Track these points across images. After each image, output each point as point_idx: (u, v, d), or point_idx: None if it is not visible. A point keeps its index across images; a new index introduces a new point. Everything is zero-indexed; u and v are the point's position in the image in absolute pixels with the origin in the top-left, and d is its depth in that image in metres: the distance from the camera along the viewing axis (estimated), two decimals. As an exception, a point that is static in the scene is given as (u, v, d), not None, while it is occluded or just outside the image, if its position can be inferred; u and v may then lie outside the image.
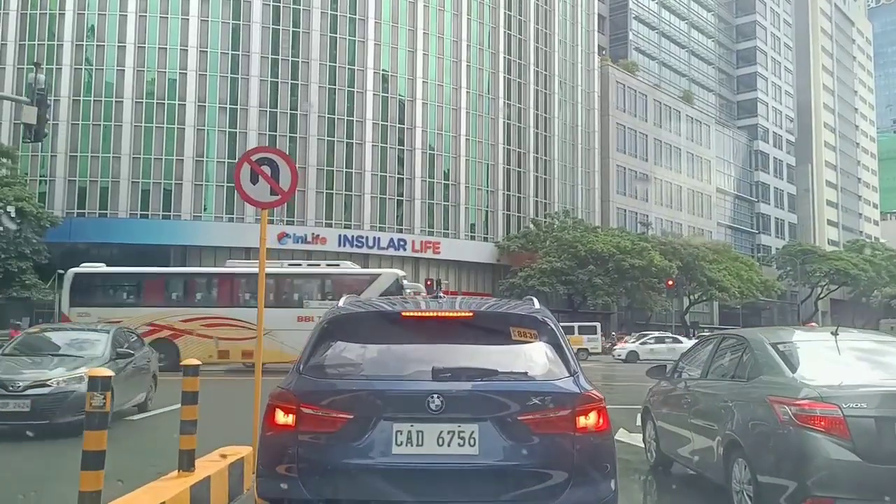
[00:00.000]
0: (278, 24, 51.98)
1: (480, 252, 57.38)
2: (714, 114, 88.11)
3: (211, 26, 50.84)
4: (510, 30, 61.35)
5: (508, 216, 59.68)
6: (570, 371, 3.79)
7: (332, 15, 53.25)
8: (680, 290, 60.46)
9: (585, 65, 68.21)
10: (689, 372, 7.18)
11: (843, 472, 4.60)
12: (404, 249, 52.93)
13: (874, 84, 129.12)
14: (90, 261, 24.80)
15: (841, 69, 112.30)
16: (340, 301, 4.45)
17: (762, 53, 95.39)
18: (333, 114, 52.76)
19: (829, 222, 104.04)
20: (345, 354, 4.01)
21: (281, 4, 52.07)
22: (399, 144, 54.78)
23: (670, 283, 55.15)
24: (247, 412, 6.63)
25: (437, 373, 3.68)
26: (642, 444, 8.09)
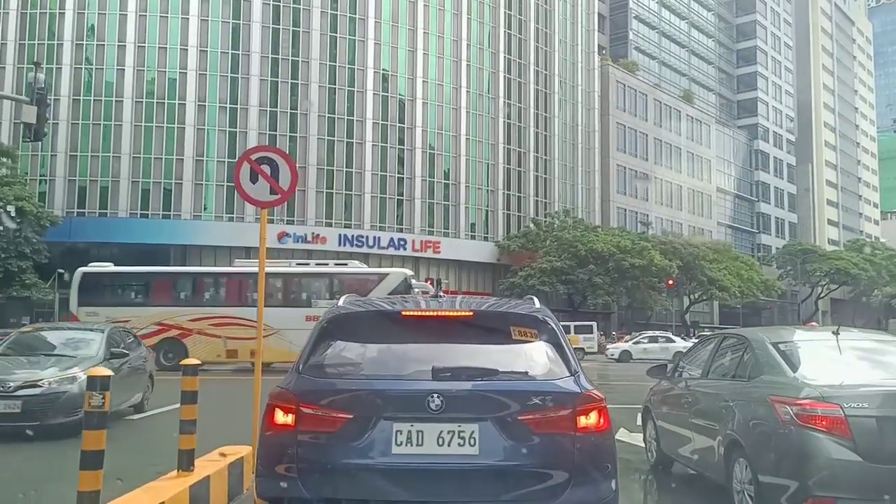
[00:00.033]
0: (278, 24, 51.95)
1: (480, 251, 57.36)
2: (714, 113, 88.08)
3: (211, 26, 50.82)
4: (510, 29, 61.32)
5: (508, 216, 59.66)
6: (571, 370, 3.78)
7: (332, 14, 53.23)
8: (680, 290, 60.46)
9: (585, 64, 68.18)
10: (690, 371, 7.17)
11: (844, 472, 4.59)
12: (404, 249, 52.92)
13: (874, 83, 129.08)
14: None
15: (841, 68, 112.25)
16: (340, 300, 4.43)
17: (762, 53, 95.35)
18: (333, 113, 52.74)
19: (830, 222, 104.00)
20: (344, 354, 3.99)
21: (281, 4, 52.04)
22: (399, 144, 54.76)
23: (670, 282, 55.18)
24: (246, 411, 6.61)
25: (437, 372, 3.67)
26: (643, 444, 8.07)
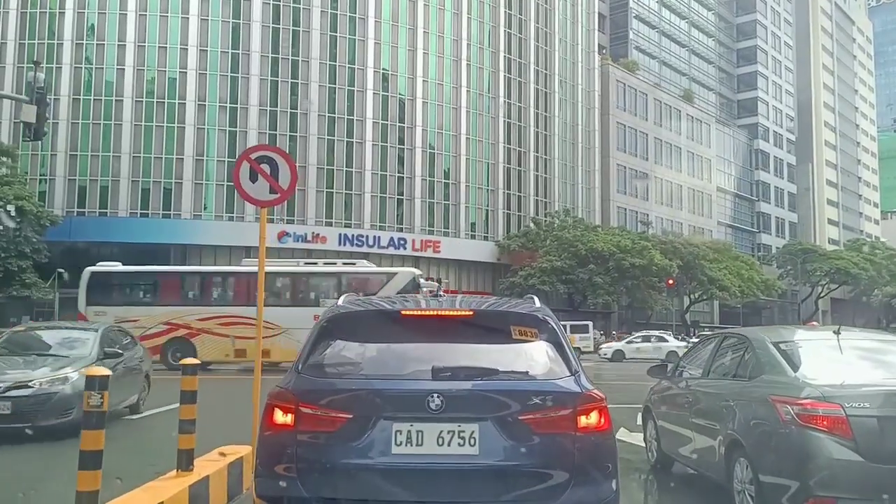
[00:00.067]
0: (278, 23, 51.94)
1: (481, 251, 57.36)
2: (714, 113, 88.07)
3: (211, 25, 50.82)
4: (510, 29, 61.30)
5: (509, 215, 59.65)
6: (571, 370, 3.77)
7: (332, 14, 53.21)
8: (680, 290, 60.44)
9: (586, 64, 68.16)
10: (691, 371, 7.15)
11: (845, 472, 4.57)
12: (404, 248, 52.92)
13: (874, 83, 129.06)
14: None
15: (841, 68, 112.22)
16: (340, 300, 4.42)
17: (762, 52, 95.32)
18: (333, 113, 52.73)
19: (830, 221, 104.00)
20: (344, 353, 3.98)
21: (281, 3, 52.02)
22: (399, 143, 54.75)
23: (671, 282, 55.17)
24: (246, 411, 6.60)
25: (437, 372, 3.65)
26: (643, 444, 8.05)
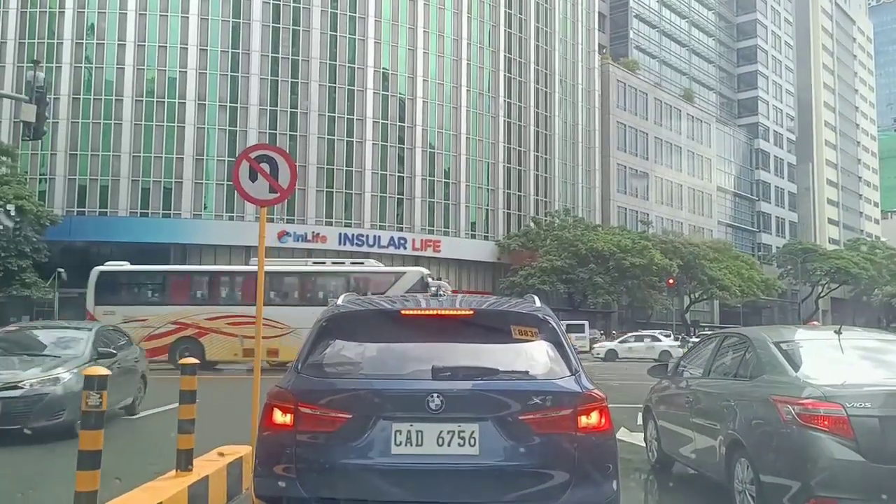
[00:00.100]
0: (278, 23, 51.90)
1: (481, 250, 57.33)
2: (714, 112, 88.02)
3: (211, 24, 50.77)
4: (510, 28, 61.27)
5: (509, 214, 59.62)
6: (572, 370, 3.75)
7: (332, 13, 53.17)
8: (680, 289, 60.42)
9: (586, 63, 68.12)
10: (691, 371, 7.14)
11: (846, 473, 4.56)
12: (405, 248, 52.89)
13: (875, 82, 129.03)
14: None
15: (842, 67, 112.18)
16: (339, 299, 4.40)
17: (763, 52, 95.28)
18: (334, 112, 52.69)
19: (830, 221, 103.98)
20: (343, 353, 3.97)
21: (281, 3, 51.98)
22: (399, 143, 54.72)
23: (671, 281, 55.15)
24: (246, 411, 6.59)
25: (437, 372, 3.64)
26: (643, 444, 8.04)
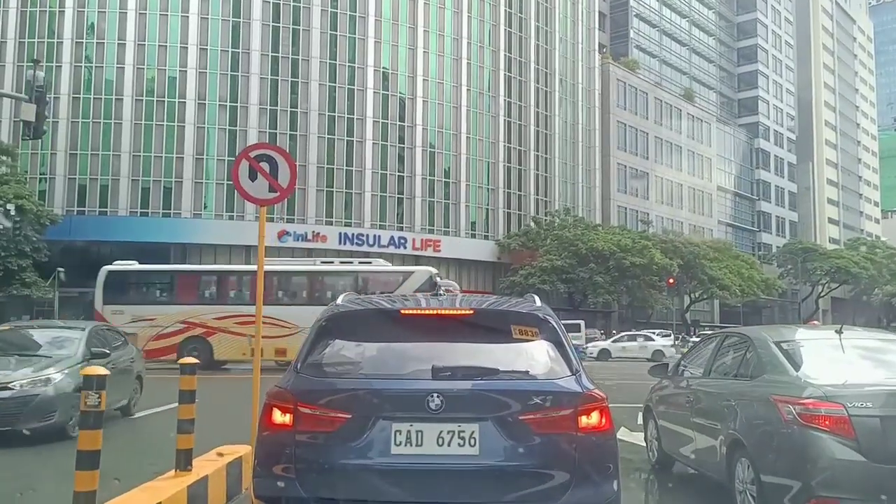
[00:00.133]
0: (278, 22, 51.88)
1: (481, 250, 57.31)
2: (715, 112, 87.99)
3: (211, 24, 50.74)
4: (511, 27, 61.24)
5: (509, 214, 59.61)
6: (572, 370, 3.74)
7: (332, 12, 53.14)
8: (681, 289, 60.39)
9: (586, 62, 68.09)
10: (692, 370, 7.13)
11: (847, 472, 4.55)
12: (405, 247, 52.86)
13: (875, 81, 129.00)
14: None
15: (842, 67, 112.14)
16: (339, 298, 4.38)
17: (763, 51, 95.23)
18: (334, 111, 52.67)
19: (830, 220, 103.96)
20: (343, 353, 3.96)
21: (281, 2, 51.95)
22: (399, 142, 54.70)
23: (671, 281, 55.11)
24: (245, 411, 6.57)
25: (436, 371, 3.63)
26: (644, 443, 8.03)
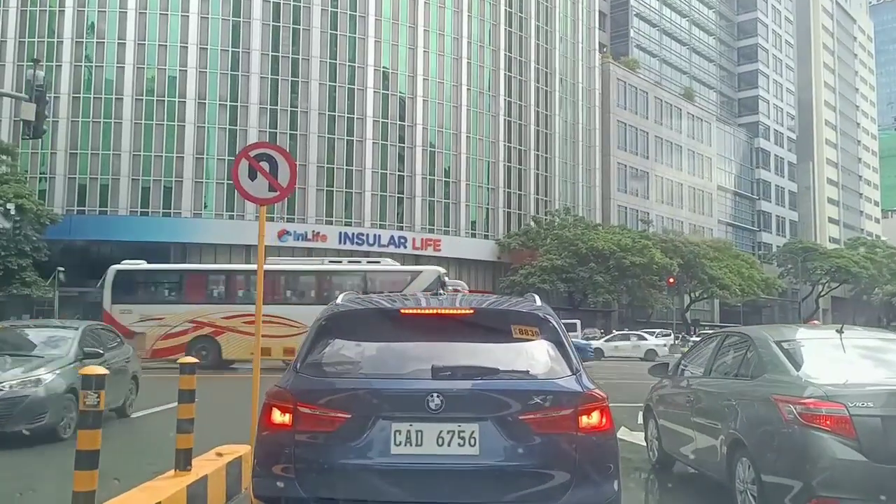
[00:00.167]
0: (278, 21, 51.87)
1: (481, 249, 57.31)
2: (715, 111, 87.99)
3: (211, 23, 50.75)
4: (511, 27, 61.22)
5: (509, 213, 59.61)
6: (573, 369, 3.73)
7: (332, 12, 53.13)
8: (681, 288, 60.40)
9: (586, 62, 68.08)
10: (692, 370, 7.12)
11: (848, 472, 4.54)
12: (405, 247, 52.84)
13: (875, 81, 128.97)
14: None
15: (842, 66, 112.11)
16: (339, 298, 4.37)
17: (763, 51, 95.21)
18: (334, 111, 52.67)
19: (831, 220, 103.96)
20: (343, 352, 3.94)
21: (281, 1, 51.94)
22: (399, 142, 54.70)
23: (671, 280, 55.11)
24: (245, 410, 6.56)
25: (436, 371, 3.62)
26: (644, 443, 8.02)
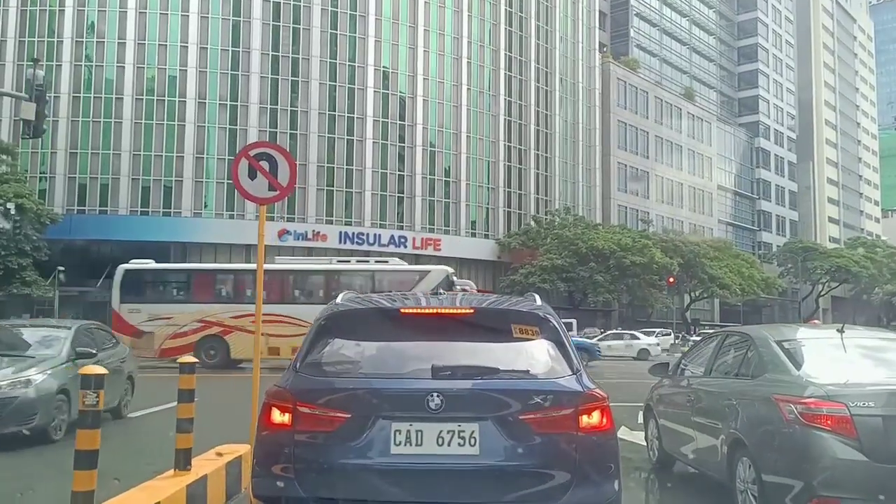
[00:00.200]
0: (278, 21, 51.84)
1: (481, 249, 57.30)
2: (715, 111, 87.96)
3: (211, 23, 50.73)
4: (511, 26, 61.20)
5: (509, 213, 59.59)
6: (573, 369, 3.72)
7: (332, 11, 53.11)
8: (681, 288, 60.40)
9: (586, 62, 68.06)
10: (692, 370, 7.11)
11: (849, 472, 4.53)
12: (405, 246, 52.79)
13: (875, 81, 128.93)
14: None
15: (842, 66, 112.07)
16: (339, 297, 4.36)
17: (763, 50, 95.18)
18: (334, 110, 52.64)
19: (831, 219, 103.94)
20: (343, 352, 3.93)
21: (281, 1, 51.90)
22: (400, 141, 54.69)
23: (671, 280, 55.12)
24: (245, 410, 6.56)
25: (436, 371, 3.61)
26: (644, 443, 8.02)
